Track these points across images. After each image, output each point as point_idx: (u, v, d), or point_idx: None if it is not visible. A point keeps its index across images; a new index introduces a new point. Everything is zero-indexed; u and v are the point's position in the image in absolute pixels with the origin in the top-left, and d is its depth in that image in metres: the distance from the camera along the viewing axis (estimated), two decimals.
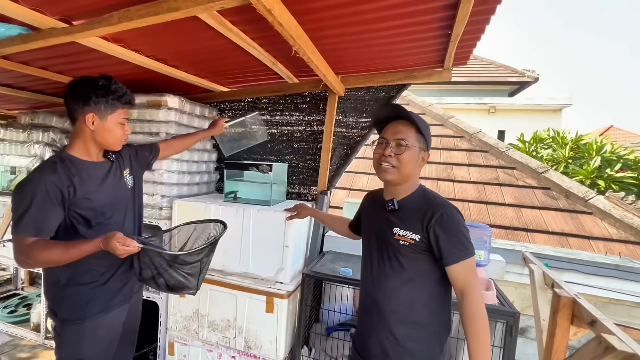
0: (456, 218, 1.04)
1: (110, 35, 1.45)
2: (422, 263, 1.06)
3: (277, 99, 2.26)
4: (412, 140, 1.08)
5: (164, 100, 1.87)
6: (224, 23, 1.29)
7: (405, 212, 1.10)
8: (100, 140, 1.24)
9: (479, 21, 1.36)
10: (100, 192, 1.23)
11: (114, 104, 1.22)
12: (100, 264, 1.22)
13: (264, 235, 1.69)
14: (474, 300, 0.99)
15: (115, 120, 1.24)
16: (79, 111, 1.19)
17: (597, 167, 5.12)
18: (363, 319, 1.19)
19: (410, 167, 1.08)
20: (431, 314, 1.08)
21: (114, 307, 1.26)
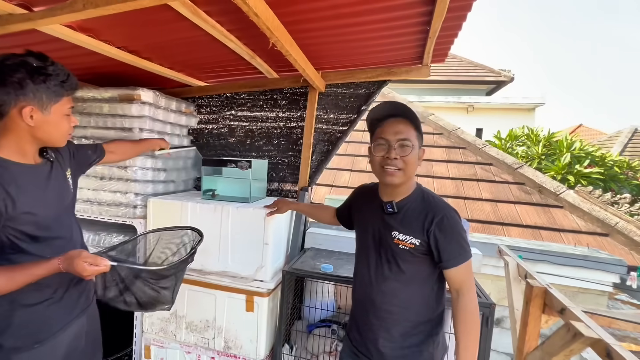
0: (456, 221, 1.04)
1: (76, 23, 1.37)
2: (421, 265, 1.07)
3: (256, 95, 2.22)
4: (413, 141, 1.05)
5: (137, 94, 1.79)
6: (198, 13, 1.24)
7: (404, 215, 1.08)
8: (42, 137, 0.99)
9: (455, 17, 1.38)
10: (44, 202, 1.01)
11: (57, 90, 0.96)
12: (53, 280, 1.00)
13: (244, 233, 1.66)
14: (468, 299, 1.01)
15: (61, 111, 0.99)
16: (9, 103, 0.91)
17: (568, 163, 5.37)
18: (360, 317, 1.19)
19: (414, 168, 1.06)
20: (428, 311, 1.10)
21: (73, 320, 1.10)
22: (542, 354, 0.92)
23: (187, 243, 1.28)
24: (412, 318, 1.08)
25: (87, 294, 1.17)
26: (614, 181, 5.31)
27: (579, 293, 1.97)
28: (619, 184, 5.34)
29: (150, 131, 1.85)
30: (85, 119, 1.83)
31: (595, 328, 0.78)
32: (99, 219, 1.86)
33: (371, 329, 1.13)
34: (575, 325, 0.79)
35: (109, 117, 1.83)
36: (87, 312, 1.16)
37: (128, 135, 1.81)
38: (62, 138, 1.05)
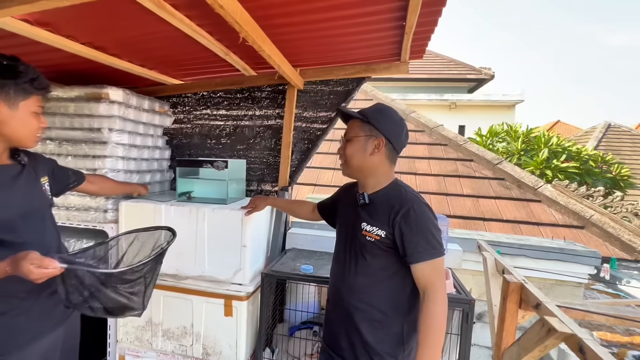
0: (424, 215, 0.99)
1: (32, 17, 1.28)
2: (387, 260, 1.03)
3: (233, 92, 2.16)
4: (354, 132, 1.07)
5: (105, 92, 1.70)
6: (164, 6, 1.18)
7: (374, 207, 1.06)
8: (10, 134, 0.98)
9: (431, 12, 1.37)
10: (5, 202, 0.97)
11: (26, 88, 0.97)
12: (18, 288, 0.97)
13: (220, 235, 1.60)
14: (433, 303, 0.94)
15: (29, 108, 0.99)
16: None
17: (546, 158, 5.53)
18: (331, 314, 1.17)
19: (358, 159, 1.06)
20: (397, 313, 1.04)
21: (45, 333, 1.05)
22: (518, 350, 0.92)
23: (162, 244, 1.22)
24: (380, 318, 1.04)
25: (60, 308, 1.08)
26: (589, 175, 5.50)
27: (556, 285, 2.01)
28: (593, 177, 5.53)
29: (120, 131, 1.77)
30: (50, 120, 1.72)
31: (569, 323, 0.77)
32: (67, 224, 1.76)
33: (340, 326, 1.10)
34: (549, 320, 0.78)
35: (75, 117, 1.74)
36: (64, 325, 1.11)
37: (97, 137, 1.73)
38: (31, 136, 1.03)
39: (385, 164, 1.09)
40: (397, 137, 1.08)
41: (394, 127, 1.07)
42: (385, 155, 1.07)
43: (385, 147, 1.06)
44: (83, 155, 1.73)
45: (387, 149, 1.07)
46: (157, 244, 1.25)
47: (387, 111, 1.10)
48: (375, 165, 1.07)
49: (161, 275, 1.68)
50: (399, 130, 1.08)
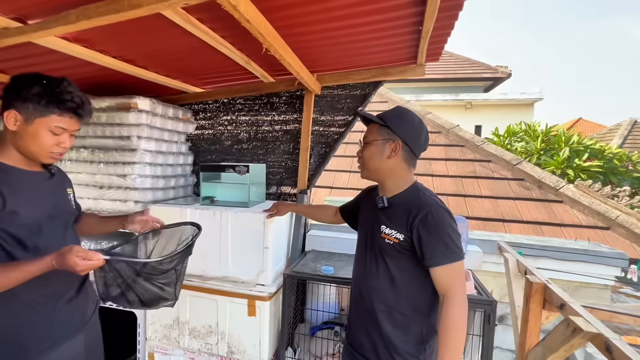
0: (443, 219, 0.99)
1: (71, 35, 1.38)
2: (407, 263, 1.04)
3: (252, 99, 2.23)
4: (372, 135, 1.10)
5: (134, 102, 1.80)
6: (191, 20, 1.26)
7: (393, 210, 1.08)
8: (22, 145, 0.99)
9: (447, 17, 1.38)
10: (32, 204, 1.01)
11: (48, 107, 0.98)
12: (39, 293, 0.99)
13: (243, 238, 1.66)
14: (452, 306, 0.95)
15: (45, 125, 0.99)
16: (5, 107, 0.98)
17: (567, 158, 5.37)
18: (353, 314, 1.20)
19: (375, 162, 1.09)
20: (417, 315, 1.06)
21: (65, 339, 1.04)
22: (543, 350, 0.92)
23: (188, 238, 1.28)
24: (400, 318, 1.05)
25: (82, 311, 1.13)
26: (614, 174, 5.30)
27: (581, 287, 1.97)
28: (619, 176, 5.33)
29: (148, 139, 1.86)
30: (84, 129, 1.84)
31: (595, 322, 0.78)
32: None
33: (362, 325, 1.12)
34: (574, 320, 0.79)
35: (107, 126, 1.85)
36: (84, 330, 1.12)
37: (126, 144, 1.82)
38: (42, 152, 1.02)
39: (402, 168, 1.10)
40: (416, 141, 1.08)
41: (412, 130, 1.08)
42: (402, 158, 1.08)
43: (403, 151, 1.07)
44: (114, 162, 1.83)
45: (405, 153, 1.08)
46: (181, 238, 1.31)
47: (406, 115, 1.11)
48: (393, 169, 1.09)
49: (187, 275, 1.74)
50: (417, 134, 1.09)
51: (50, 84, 1.00)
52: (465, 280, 1.52)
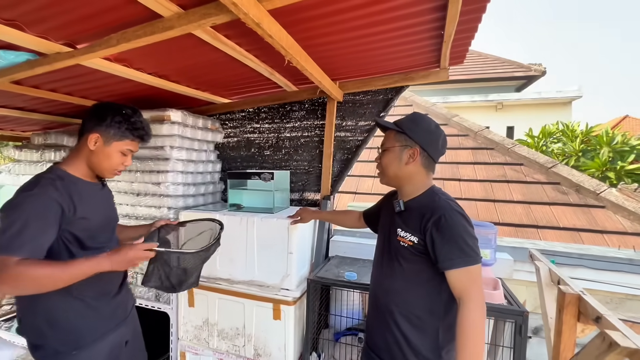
0: (456, 222, 0.98)
1: (113, 55, 1.51)
2: (421, 265, 1.04)
3: (276, 107, 2.29)
4: (390, 142, 1.13)
5: (167, 115, 1.92)
6: (219, 37, 1.33)
7: (409, 214, 1.09)
8: (95, 162, 1.16)
9: (470, 20, 1.37)
10: (95, 210, 1.17)
11: (125, 133, 1.17)
12: (91, 289, 1.12)
13: (268, 243, 1.71)
14: (469, 309, 0.93)
15: (119, 148, 1.18)
16: (88, 129, 1.15)
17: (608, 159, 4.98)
18: (370, 315, 1.22)
19: (393, 168, 1.11)
20: (433, 318, 1.05)
21: (111, 332, 1.18)
22: None
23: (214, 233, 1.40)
24: (415, 321, 1.05)
25: (123, 306, 1.28)
26: None
27: (626, 300, 1.82)
28: None
29: (180, 148, 1.98)
30: None
31: (633, 337, 0.73)
32: None
33: (378, 327, 1.14)
34: (610, 334, 0.75)
35: None
36: (125, 323, 1.26)
37: (160, 154, 1.94)
38: (110, 169, 1.20)
39: (421, 173, 1.10)
40: (433, 146, 1.09)
41: (428, 136, 1.09)
42: (420, 164, 1.09)
43: (421, 156, 1.08)
44: (149, 170, 1.95)
45: (423, 158, 1.09)
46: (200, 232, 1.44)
47: (422, 121, 1.11)
48: (411, 174, 1.10)
49: (216, 279, 1.83)
50: (434, 139, 1.09)
51: (128, 114, 1.19)
52: (494, 290, 1.48)
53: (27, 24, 1.16)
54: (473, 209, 2.67)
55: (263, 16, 1.02)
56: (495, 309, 1.34)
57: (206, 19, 1.04)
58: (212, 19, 1.04)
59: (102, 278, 1.09)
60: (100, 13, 1.12)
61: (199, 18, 1.05)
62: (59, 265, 0.96)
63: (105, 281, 1.18)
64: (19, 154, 2.38)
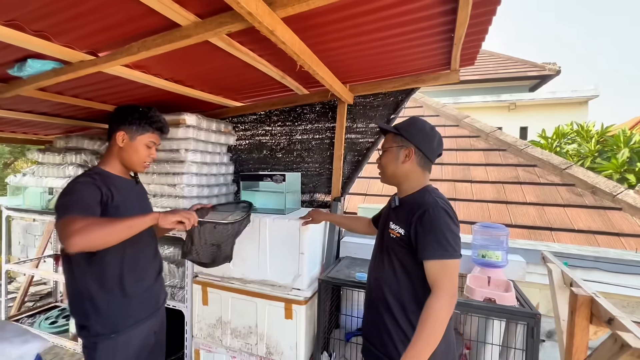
0: (438, 216, 1.04)
1: (132, 63, 1.57)
2: (407, 256, 1.11)
3: (288, 110, 2.33)
4: (388, 143, 1.21)
5: (182, 118, 1.98)
6: (233, 44, 1.38)
7: (402, 209, 1.17)
8: (125, 158, 1.30)
9: (480, 22, 1.37)
10: (130, 203, 1.30)
11: (145, 127, 1.31)
12: (130, 274, 1.24)
13: (280, 243, 1.75)
14: (436, 298, 0.98)
15: (143, 141, 1.31)
16: (114, 130, 1.29)
17: (626, 160, 4.85)
18: (365, 305, 1.30)
19: (391, 167, 1.19)
20: (417, 307, 1.07)
21: (144, 320, 1.29)
22: None
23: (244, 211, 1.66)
24: (402, 310, 1.11)
25: (157, 297, 1.38)
26: None
27: None
28: None
29: (194, 151, 2.03)
30: None
31: None
32: None
33: (370, 315, 1.22)
34: (622, 335, 0.74)
35: None
36: (156, 315, 1.36)
37: (176, 157, 2.01)
38: (140, 163, 1.33)
39: (417, 171, 1.17)
40: (427, 146, 1.16)
41: (423, 137, 1.16)
42: (416, 163, 1.17)
43: (416, 155, 1.16)
44: (165, 173, 2.02)
45: (418, 157, 1.16)
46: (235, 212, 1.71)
47: (418, 123, 1.19)
48: (407, 172, 1.17)
49: (229, 278, 1.87)
50: (429, 140, 1.17)
51: (144, 111, 1.33)
52: (506, 292, 1.47)
53: (55, 34, 1.23)
54: (485, 211, 2.65)
55: (276, 24, 1.06)
56: (507, 310, 1.34)
57: (222, 27, 1.09)
58: (228, 27, 1.09)
59: (139, 266, 1.27)
60: (122, 23, 1.18)
61: (215, 27, 1.09)
62: (121, 220, 1.07)
63: (142, 269, 1.30)
64: (42, 157, 2.48)
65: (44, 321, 2.81)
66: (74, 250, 0.98)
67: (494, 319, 1.38)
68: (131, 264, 1.25)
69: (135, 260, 1.27)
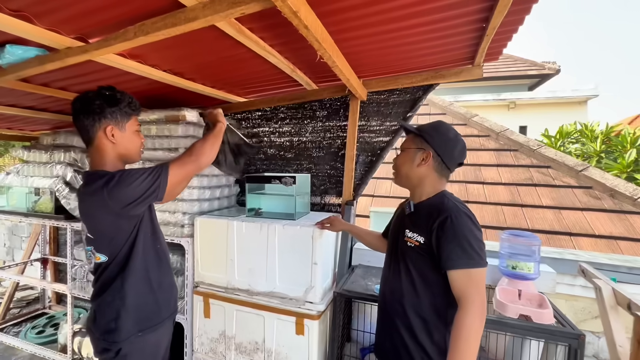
0: (462, 223, 0.97)
1: (127, 51, 1.40)
2: (426, 266, 1.04)
3: (295, 107, 2.18)
4: (407, 144, 1.15)
5: (182, 114, 1.82)
6: (243, 31, 1.22)
7: (418, 215, 1.10)
8: (123, 152, 1.15)
9: (519, 11, 1.24)
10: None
11: (127, 111, 1.14)
12: (154, 273, 1.20)
13: (291, 252, 1.60)
14: (465, 312, 0.91)
15: (132, 128, 1.17)
16: (95, 126, 1.09)
17: (634, 160, 4.79)
18: (379, 316, 1.23)
19: (405, 169, 1.12)
20: (437, 319, 1.03)
21: (165, 321, 1.24)
22: None
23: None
24: (420, 324, 1.03)
25: (175, 299, 1.31)
26: None
27: None
28: None
29: None
30: None
31: None
32: None
33: (385, 328, 1.15)
34: None
35: (156, 138, 1.88)
36: (172, 317, 1.30)
37: (174, 156, 1.84)
38: (137, 152, 1.21)
39: (432, 177, 1.10)
40: (448, 153, 1.08)
41: (445, 142, 1.09)
42: (433, 168, 1.09)
43: (433, 160, 1.08)
44: None
45: (435, 162, 1.09)
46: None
47: (441, 128, 1.12)
48: (422, 176, 1.11)
49: (234, 289, 1.72)
50: (450, 146, 1.09)
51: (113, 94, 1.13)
52: (541, 308, 1.35)
53: (36, 15, 1.06)
54: (499, 214, 2.53)
55: (301, 4, 0.91)
56: (547, 330, 1.22)
57: (235, 8, 0.93)
58: (242, 8, 0.93)
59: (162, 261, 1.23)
60: (116, 3, 1.01)
61: (226, 7, 0.93)
62: (208, 140, 1.24)
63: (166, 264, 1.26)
64: (27, 155, 2.29)
65: (30, 331, 2.63)
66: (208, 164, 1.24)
67: (532, 339, 1.26)
68: (155, 260, 1.20)
69: (158, 256, 1.22)
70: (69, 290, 2.21)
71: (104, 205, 1.02)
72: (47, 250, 3.08)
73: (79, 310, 2.86)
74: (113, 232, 1.09)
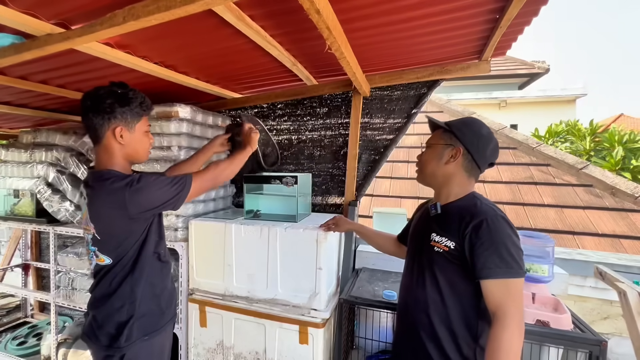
0: (499, 228, 0.88)
1: (114, 40, 1.29)
2: (457, 274, 0.95)
3: (294, 104, 2.08)
4: (434, 139, 1.07)
5: (175, 110, 1.70)
6: (243, 18, 1.12)
7: (446, 218, 1.01)
8: (131, 153, 1.11)
9: (535, 1, 1.17)
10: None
11: (138, 112, 1.10)
12: (158, 278, 1.18)
13: (294, 256, 1.51)
14: (502, 326, 0.83)
15: (142, 129, 1.13)
16: (104, 126, 1.06)
17: (622, 159, 4.88)
18: (398, 327, 1.14)
19: (432, 166, 1.05)
20: (466, 331, 0.94)
21: (165, 327, 1.21)
22: None
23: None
24: (447, 336, 0.95)
25: (175, 305, 1.30)
26: None
27: None
28: None
29: (188, 149, 1.76)
30: None
31: None
32: None
33: (406, 341, 1.05)
34: None
35: None
36: (172, 321, 1.28)
37: (167, 155, 1.73)
38: (145, 153, 1.17)
39: (461, 175, 1.02)
40: (479, 150, 1.00)
41: (476, 139, 1.00)
42: (461, 165, 1.02)
43: (463, 157, 1.01)
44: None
45: (465, 160, 1.01)
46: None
47: (474, 124, 1.03)
48: (449, 175, 1.03)
49: (232, 296, 1.62)
50: (483, 144, 1.00)
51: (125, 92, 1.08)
52: (557, 312, 1.29)
53: None
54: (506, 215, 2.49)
55: None
56: (566, 336, 1.16)
57: None
58: None
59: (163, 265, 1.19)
60: None
61: None
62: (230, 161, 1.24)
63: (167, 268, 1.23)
64: (5, 154, 2.13)
65: (10, 342, 2.46)
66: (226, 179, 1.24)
67: (550, 346, 1.20)
68: (159, 265, 1.18)
69: (162, 260, 1.20)
70: (53, 299, 2.06)
71: (122, 206, 1.00)
72: (29, 255, 2.90)
73: (64, 318, 2.70)
74: (123, 234, 1.07)
